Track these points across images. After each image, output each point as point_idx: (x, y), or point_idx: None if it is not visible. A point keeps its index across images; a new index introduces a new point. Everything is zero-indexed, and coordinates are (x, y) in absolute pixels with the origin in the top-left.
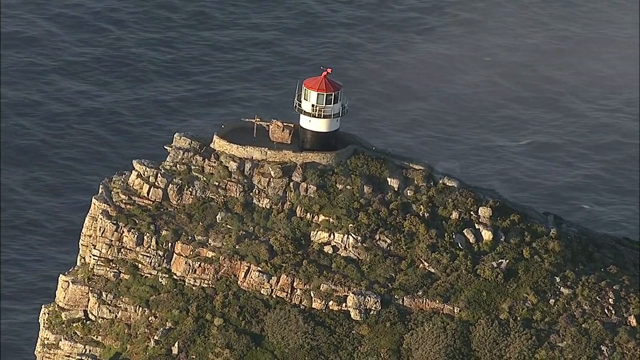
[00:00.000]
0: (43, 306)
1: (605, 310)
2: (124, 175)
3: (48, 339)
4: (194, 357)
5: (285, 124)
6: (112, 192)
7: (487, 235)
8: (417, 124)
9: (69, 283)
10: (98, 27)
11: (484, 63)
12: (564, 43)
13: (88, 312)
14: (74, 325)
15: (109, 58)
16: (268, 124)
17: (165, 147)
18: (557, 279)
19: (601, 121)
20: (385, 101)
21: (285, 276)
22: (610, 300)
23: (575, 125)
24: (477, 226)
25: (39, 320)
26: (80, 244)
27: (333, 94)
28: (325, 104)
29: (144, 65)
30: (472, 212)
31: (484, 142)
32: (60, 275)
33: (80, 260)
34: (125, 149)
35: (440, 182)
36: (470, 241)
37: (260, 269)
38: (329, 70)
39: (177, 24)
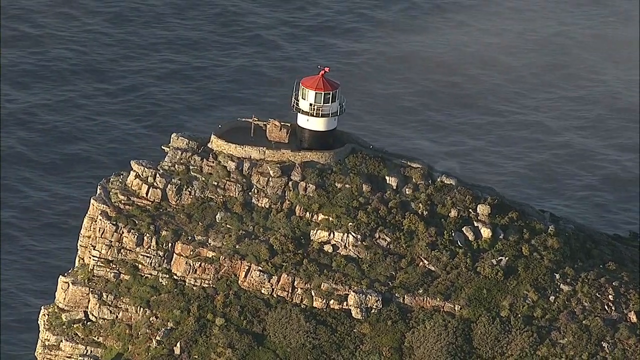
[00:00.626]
0: (42, 307)
1: (606, 307)
2: (121, 176)
3: (49, 340)
4: (197, 357)
5: (282, 123)
6: (111, 193)
7: (486, 232)
8: (338, 126)
9: (69, 284)
10: (14, 29)
11: (404, 63)
12: (483, 42)
13: (88, 313)
14: (75, 326)
15: (27, 61)
16: (265, 123)
17: (162, 147)
18: (557, 276)
19: (521, 120)
20: None
21: (286, 275)
22: (610, 296)
23: (495, 125)
24: (476, 224)
25: (39, 322)
26: (78, 245)
27: (331, 92)
28: (324, 103)
29: (62, 68)
30: (470, 210)
31: (404, 142)
32: (60, 276)
33: (78, 261)
34: (44, 152)
35: (439, 180)
36: (470, 239)
37: (260, 268)
38: (327, 69)
39: (95, 25)
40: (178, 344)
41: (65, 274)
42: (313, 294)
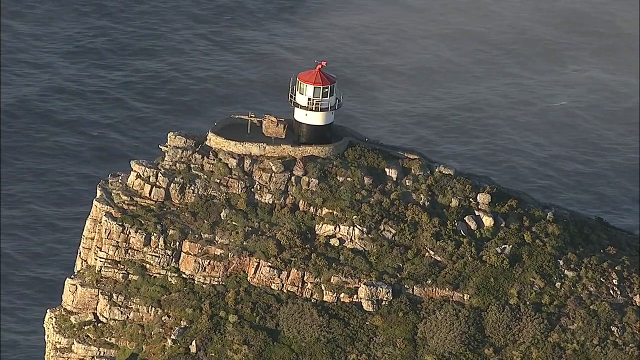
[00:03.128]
0: (48, 310)
1: (611, 291)
2: (120, 177)
3: (60, 342)
4: (213, 354)
5: (279, 119)
6: (112, 194)
7: (488, 221)
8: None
9: (77, 286)
10: None
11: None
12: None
13: (98, 314)
14: (86, 328)
15: None
16: (260, 119)
17: (160, 146)
18: (561, 262)
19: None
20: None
21: (295, 270)
22: (614, 280)
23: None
24: (477, 213)
25: (45, 325)
26: (81, 247)
27: (329, 86)
28: (322, 97)
29: None
30: (471, 199)
31: None
32: (67, 279)
33: (81, 263)
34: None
35: (437, 170)
36: (472, 228)
37: (270, 264)
38: (324, 63)
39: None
40: (193, 343)
41: (72, 276)
42: (323, 288)
